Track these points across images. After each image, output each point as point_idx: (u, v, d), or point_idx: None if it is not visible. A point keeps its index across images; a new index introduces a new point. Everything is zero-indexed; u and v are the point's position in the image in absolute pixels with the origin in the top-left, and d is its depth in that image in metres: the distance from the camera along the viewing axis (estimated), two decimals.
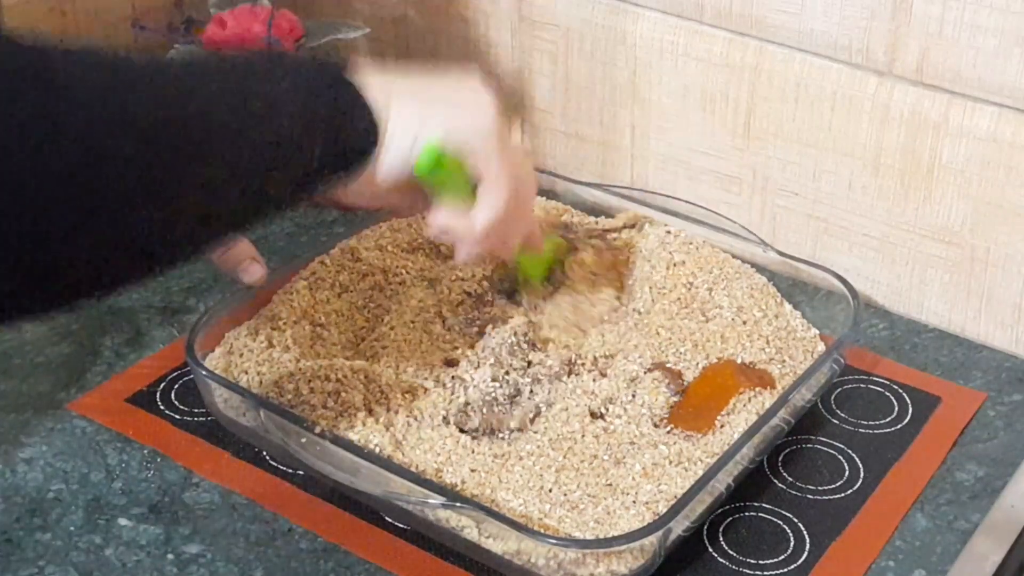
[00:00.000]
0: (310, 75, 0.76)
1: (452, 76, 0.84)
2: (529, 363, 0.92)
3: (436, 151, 0.79)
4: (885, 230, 1.05)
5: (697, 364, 0.93)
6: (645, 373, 0.91)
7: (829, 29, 1.01)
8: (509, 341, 0.93)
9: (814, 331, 0.98)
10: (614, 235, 1.05)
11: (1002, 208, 0.98)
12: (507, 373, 0.91)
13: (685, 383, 0.91)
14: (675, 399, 0.90)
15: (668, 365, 0.92)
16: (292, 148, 0.73)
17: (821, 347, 0.96)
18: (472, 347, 0.93)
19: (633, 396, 0.89)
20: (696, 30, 1.08)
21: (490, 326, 0.94)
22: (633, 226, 1.06)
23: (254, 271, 0.93)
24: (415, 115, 0.79)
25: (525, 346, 0.93)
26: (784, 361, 0.94)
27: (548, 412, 0.88)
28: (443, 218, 0.83)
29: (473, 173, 0.81)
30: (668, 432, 0.87)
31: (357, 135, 0.77)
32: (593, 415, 0.88)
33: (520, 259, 0.96)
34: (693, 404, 0.89)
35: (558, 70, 1.17)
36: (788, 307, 0.99)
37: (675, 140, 1.13)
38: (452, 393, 0.89)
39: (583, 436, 0.86)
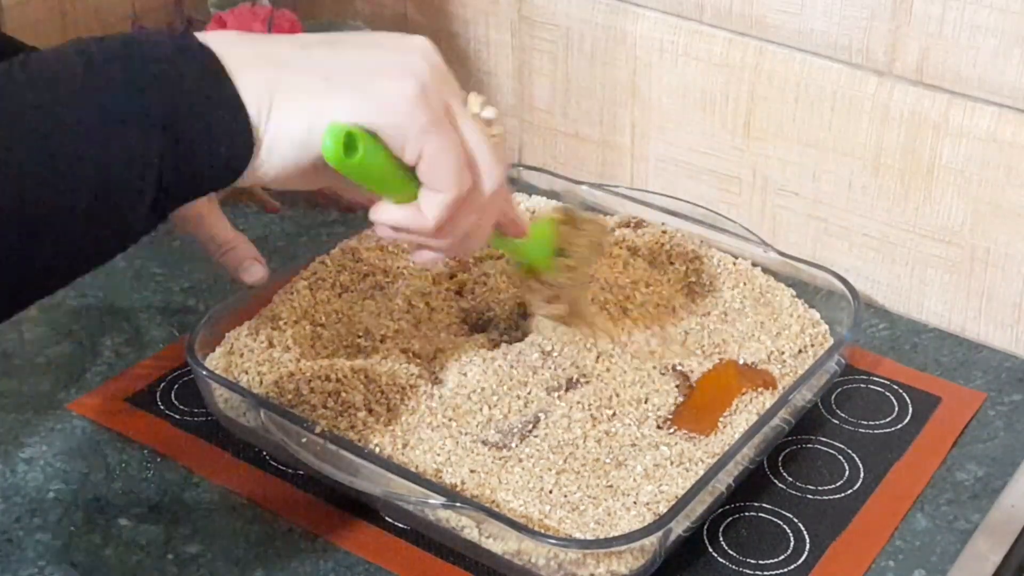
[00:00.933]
0: (153, 79, 0.62)
1: (372, 38, 0.71)
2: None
3: (343, 132, 0.66)
4: (885, 230, 1.05)
5: (698, 365, 0.93)
6: (647, 375, 0.91)
7: (829, 29, 1.01)
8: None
9: (815, 331, 0.97)
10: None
11: (1002, 208, 0.98)
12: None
13: (687, 384, 0.91)
14: (680, 399, 0.90)
15: (669, 366, 0.92)
16: (113, 186, 0.61)
17: (822, 347, 0.96)
18: (454, 345, 0.92)
19: (638, 398, 0.89)
20: (696, 30, 1.08)
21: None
22: (628, 225, 1.06)
23: (255, 271, 0.93)
24: (307, 101, 0.66)
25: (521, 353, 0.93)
26: (784, 361, 0.94)
27: (548, 419, 0.88)
28: (387, 214, 0.71)
29: (403, 157, 0.68)
30: (671, 433, 0.87)
31: (219, 149, 0.64)
32: (595, 419, 0.88)
33: (515, 248, 0.86)
34: (696, 405, 0.89)
35: (558, 70, 1.17)
36: (788, 307, 0.99)
37: (675, 140, 1.13)
38: (450, 398, 0.89)
39: (585, 441, 0.86)
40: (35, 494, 0.89)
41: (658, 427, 0.88)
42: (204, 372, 0.89)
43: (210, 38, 0.65)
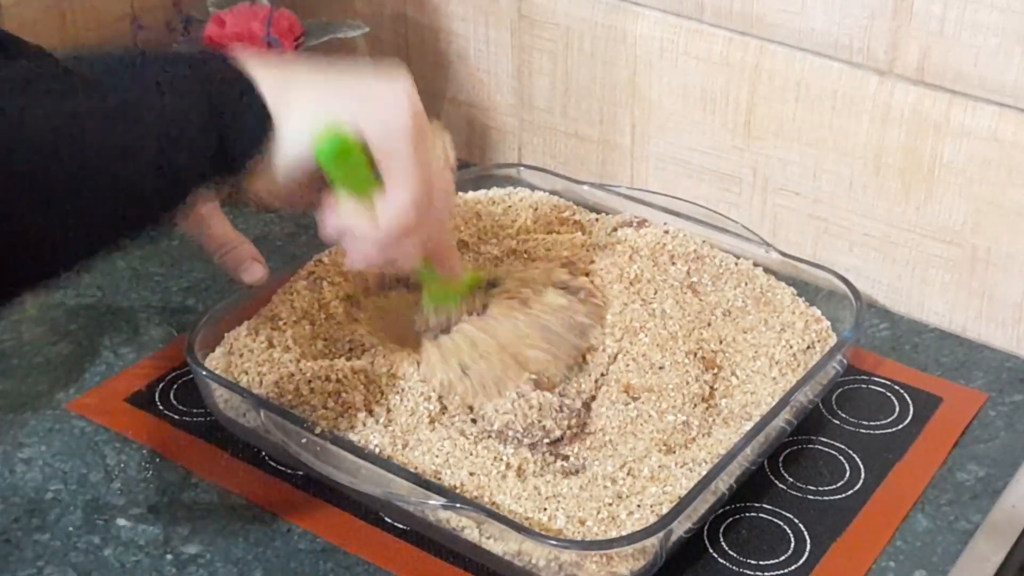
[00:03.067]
0: (185, 74, 0.72)
1: (370, 70, 0.78)
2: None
3: (339, 135, 0.74)
4: (886, 230, 1.04)
5: (699, 365, 0.93)
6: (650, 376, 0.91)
7: (830, 28, 1.01)
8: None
9: (818, 327, 0.97)
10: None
11: (1003, 208, 0.98)
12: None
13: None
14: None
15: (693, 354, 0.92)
16: (158, 158, 0.69)
17: (826, 344, 0.96)
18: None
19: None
20: (696, 29, 1.07)
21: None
22: (630, 225, 1.06)
23: (255, 271, 0.93)
24: (316, 102, 0.75)
25: None
26: (786, 361, 0.93)
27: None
28: (343, 215, 0.78)
29: (380, 169, 0.76)
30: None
31: (245, 133, 0.73)
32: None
33: (427, 278, 0.90)
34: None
35: (558, 70, 1.17)
36: (790, 305, 0.99)
37: (675, 140, 1.12)
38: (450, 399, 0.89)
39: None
40: (34, 494, 0.89)
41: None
42: (204, 372, 0.89)
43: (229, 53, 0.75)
